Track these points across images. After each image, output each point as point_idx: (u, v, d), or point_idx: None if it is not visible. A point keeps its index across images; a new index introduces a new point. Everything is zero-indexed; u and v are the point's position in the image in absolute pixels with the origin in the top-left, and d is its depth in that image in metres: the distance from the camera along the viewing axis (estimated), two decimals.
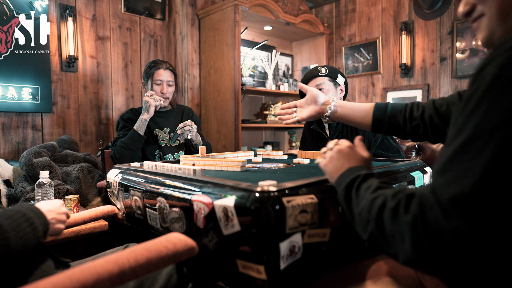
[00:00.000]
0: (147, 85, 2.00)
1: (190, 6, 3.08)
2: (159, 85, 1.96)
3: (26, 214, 0.72)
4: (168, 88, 1.98)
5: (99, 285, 0.56)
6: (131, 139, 1.82)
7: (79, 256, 1.43)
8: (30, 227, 0.72)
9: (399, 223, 0.51)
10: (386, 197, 0.56)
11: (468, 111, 0.47)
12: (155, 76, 1.96)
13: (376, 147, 1.61)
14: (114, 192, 1.26)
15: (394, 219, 0.52)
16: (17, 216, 0.70)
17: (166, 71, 1.98)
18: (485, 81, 0.46)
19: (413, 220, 0.49)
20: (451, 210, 0.45)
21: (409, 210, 0.50)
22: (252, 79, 3.48)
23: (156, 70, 1.96)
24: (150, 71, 1.97)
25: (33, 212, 0.75)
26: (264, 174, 1.08)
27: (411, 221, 0.49)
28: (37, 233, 0.73)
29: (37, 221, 0.75)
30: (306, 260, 0.77)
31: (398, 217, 0.52)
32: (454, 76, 2.93)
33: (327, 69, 1.75)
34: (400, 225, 0.51)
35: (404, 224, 0.50)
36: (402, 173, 1.13)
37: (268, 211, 0.70)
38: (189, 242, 0.70)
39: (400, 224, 0.51)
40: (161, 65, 1.98)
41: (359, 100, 3.58)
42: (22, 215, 0.71)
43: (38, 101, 2.46)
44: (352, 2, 3.61)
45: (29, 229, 0.71)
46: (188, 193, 0.88)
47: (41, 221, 0.76)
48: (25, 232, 0.69)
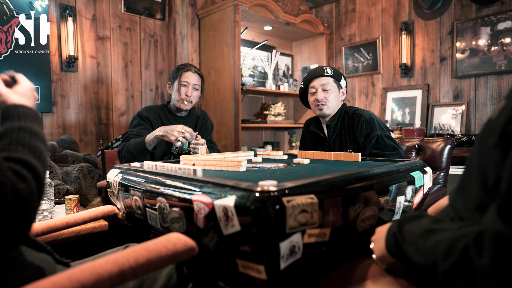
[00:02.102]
0: (173, 86, 1.96)
1: (190, 6, 3.08)
2: (185, 86, 1.92)
3: (28, 128, 0.67)
4: (194, 91, 1.94)
5: (99, 285, 0.56)
6: (137, 149, 1.72)
7: (79, 256, 1.43)
8: (40, 141, 0.67)
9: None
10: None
11: None
12: (182, 78, 1.92)
13: (371, 147, 1.61)
14: (114, 192, 1.26)
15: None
16: (25, 135, 0.65)
17: (194, 74, 1.95)
18: None
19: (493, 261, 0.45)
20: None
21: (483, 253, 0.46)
22: (252, 79, 3.48)
23: (184, 72, 1.94)
24: (178, 73, 1.94)
25: (29, 119, 0.70)
26: (264, 174, 1.08)
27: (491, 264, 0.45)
28: (44, 139, 0.70)
29: (38, 126, 0.70)
30: (306, 260, 0.77)
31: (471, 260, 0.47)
32: (454, 76, 2.93)
33: (333, 70, 1.76)
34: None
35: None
36: (402, 173, 1.13)
37: (268, 211, 0.70)
38: (189, 242, 0.70)
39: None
40: (189, 68, 1.96)
41: (359, 100, 3.58)
42: (24, 131, 0.66)
43: (38, 101, 2.46)
44: (352, 2, 3.61)
45: (40, 143, 0.67)
46: (188, 193, 0.88)
47: (38, 122, 0.72)
48: (41, 150, 0.65)
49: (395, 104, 3.30)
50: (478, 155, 0.59)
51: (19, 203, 0.55)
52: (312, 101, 1.77)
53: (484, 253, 0.45)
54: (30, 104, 0.75)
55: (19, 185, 0.56)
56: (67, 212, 1.57)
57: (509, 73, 2.65)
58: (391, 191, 1.03)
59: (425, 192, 1.26)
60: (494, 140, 0.54)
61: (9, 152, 0.61)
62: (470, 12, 2.84)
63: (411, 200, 1.16)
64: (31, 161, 0.61)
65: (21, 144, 0.63)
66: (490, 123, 0.58)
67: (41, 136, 0.68)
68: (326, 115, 1.75)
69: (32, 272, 0.71)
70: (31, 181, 0.59)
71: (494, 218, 0.47)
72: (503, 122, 0.53)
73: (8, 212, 0.54)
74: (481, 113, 2.81)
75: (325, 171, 1.11)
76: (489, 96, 2.77)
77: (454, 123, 2.91)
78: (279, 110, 3.53)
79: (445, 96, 3.01)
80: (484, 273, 0.45)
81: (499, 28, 2.68)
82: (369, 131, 1.62)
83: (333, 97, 1.73)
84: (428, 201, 2.09)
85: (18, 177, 0.57)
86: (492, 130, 0.55)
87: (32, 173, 0.60)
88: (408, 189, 1.13)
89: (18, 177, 0.57)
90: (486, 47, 2.75)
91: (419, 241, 0.59)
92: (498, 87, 2.72)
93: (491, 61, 2.72)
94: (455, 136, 2.69)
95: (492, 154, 0.54)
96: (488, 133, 0.57)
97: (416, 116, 3.14)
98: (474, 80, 2.84)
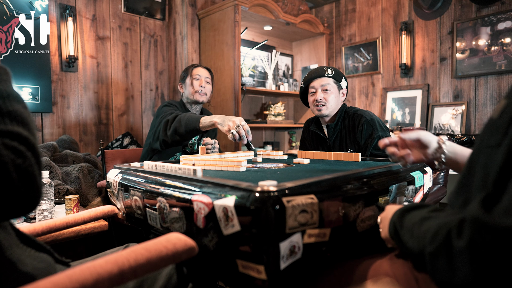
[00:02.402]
0: (185, 84, 2.03)
1: (190, 6, 3.08)
2: (198, 80, 2.00)
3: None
4: (207, 84, 2.03)
5: (99, 285, 0.56)
6: (190, 123, 1.56)
7: (79, 256, 1.43)
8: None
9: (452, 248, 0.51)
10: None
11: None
12: (193, 72, 2.01)
13: (372, 148, 1.61)
14: (114, 192, 1.26)
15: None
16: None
17: (204, 69, 2.05)
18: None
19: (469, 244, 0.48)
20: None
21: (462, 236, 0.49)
22: (252, 79, 3.48)
23: (195, 68, 2.04)
24: (188, 70, 2.04)
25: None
26: (264, 174, 1.07)
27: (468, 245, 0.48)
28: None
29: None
30: (306, 260, 0.77)
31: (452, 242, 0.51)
32: (454, 76, 2.93)
33: (333, 71, 1.75)
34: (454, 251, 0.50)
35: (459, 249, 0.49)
36: (402, 173, 1.13)
37: (268, 211, 0.70)
38: (189, 242, 0.70)
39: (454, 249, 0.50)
40: (198, 65, 2.07)
41: (359, 100, 3.58)
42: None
43: (38, 101, 2.46)
44: (352, 2, 3.61)
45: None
46: (188, 193, 0.88)
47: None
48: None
49: (395, 104, 3.30)
50: (479, 155, 0.59)
51: (22, 177, 0.56)
52: (312, 101, 1.77)
53: (463, 236, 0.49)
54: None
55: (17, 161, 0.56)
56: (67, 212, 1.57)
57: (509, 73, 2.65)
58: (391, 191, 1.03)
59: (425, 192, 1.26)
60: (496, 139, 0.54)
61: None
62: (470, 12, 2.84)
63: (411, 200, 1.16)
64: (22, 133, 0.60)
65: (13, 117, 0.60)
66: (492, 122, 0.58)
67: (14, 95, 0.63)
68: (325, 115, 1.76)
69: (32, 272, 0.71)
70: (27, 154, 0.58)
71: (476, 206, 0.50)
72: (507, 121, 0.53)
73: (15, 188, 0.55)
74: (481, 113, 2.81)
75: (325, 171, 1.11)
76: (489, 96, 2.77)
77: (454, 123, 2.91)
78: (279, 110, 3.53)
79: (445, 96, 3.01)
80: (460, 253, 0.48)
81: (499, 28, 2.68)
82: (371, 132, 1.62)
83: (332, 98, 1.73)
84: (428, 201, 2.09)
85: (13, 152, 0.57)
86: (494, 129, 0.55)
87: (25, 145, 0.59)
88: (408, 189, 1.13)
89: (14, 153, 0.57)
90: (486, 47, 2.75)
91: (415, 227, 0.62)
92: (498, 87, 2.72)
93: (491, 61, 2.72)
94: (455, 136, 2.69)
95: (494, 154, 0.54)
96: (489, 133, 0.57)
97: (416, 116, 3.14)
98: (474, 80, 2.84)
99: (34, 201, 0.58)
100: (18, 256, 0.71)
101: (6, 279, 0.65)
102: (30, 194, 0.57)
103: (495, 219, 0.46)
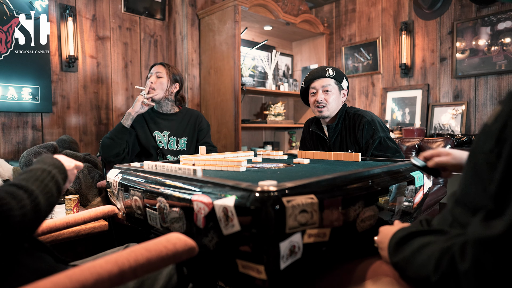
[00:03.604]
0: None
1: (190, 6, 3.08)
2: (149, 78, 1.99)
3: (51, 172, 0.72)
4: (157, 79, 1.96)
5: (99, 285, 0.56)
6: (115, 129, 1.87)
7: (79, 256, 1.43)
8: (55, 185, 0.71)
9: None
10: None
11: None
12: (149, 74, 2.02)
13: (373, 149, 1.61)
14: (114, 192, 1.26)
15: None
16: (44, 176, 0.69)
17: (157, 65, 2.02)
18: None
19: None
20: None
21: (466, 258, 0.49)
22: (252, 79, 3.48)
23: (151, 68, 2.03)
24: (148, 73, 2.03)
25: (57, 169, 0.75)
26: (264, 174, 1.08)
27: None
28: (60, 190, 0.73)
29: (59, 176, 0.74)
30: (306, 260, 0.77)
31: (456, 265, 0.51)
32: (454, 76, 2.93)
33: (334, 71, 1.75)
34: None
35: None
36: (402, 173, 1.13)
37: (268, 211, 0.70)
38: (189, 242, 0.70)
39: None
40: (155, 64, 2.05)
41: (359, 100, 3.58)
42: (47, 173, 0.70)
43: (38, 101, 2.46)
44: (352, 2, 3.61)
45: (54, 187, 0.71)
46: (188, 193, 0.88)
47: (62, 176, 0.76)
48: (52, 192, 0.69)
49: (395, 104, 3.30)
50: (475, 160, 0.60)
51: (7, 220, 0.58)
52: (312, 102, 1.77)
53: (466, 258, 0.49)
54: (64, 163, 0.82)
55: (10, 204, 0.59)
56: (67, 212, 1.57)
57: (509, 73, 2.65)
58: (391, 191, 1.03)
59: (425, 192, 1.26)
60: (490, 145, 0.55)
61: (19, 181, 0.65)
62: (470, 12, 2.84)
63: (411, 200, 1.16)
64: (34, 191, 0.65)
65: (38, 180, 0.68)
66: (486, 128, 0.59)
67: (59, 184, 0.73)
68: (325, 116, 1.76)
69: (33, 271, 0.71)
70: (26, 202, 0.61)
71: (477, 225, 0.50)
72: (499, 128, 0.54)
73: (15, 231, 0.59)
74: (481, 113, 2.81)
75: (325, 171, 1.11)
76: (489, 96, 2.77)
77: (454, 123, 2.91)
78: (279, 110, 3.53)
79: (445, 96, 3.01)
80: (466, 275, 0.48)
81: (499, 28, 2.68)
82: (372, 133, 1.62)
83: (333, 99, 1.73)
84: (428, 201, 2.09)
85: (12, 196, 0.60)
86: (488, 135, 0.56)
87: (29, 197, 0.63)
88: (408, 189, 1.13)
89: (12, 197, 0.60)
90: (486, 47, 2.75)
91: (415, 256, 0.62)
92: (498, 87, 2.72)
93: (491, 61, 2.72)
94: (455, 136, 2.69)
95: (488, 159, 0.55)
96: (484, 138, 0.57)
97: (416, 116, 3.14)
98: (474, 80, 2.84)
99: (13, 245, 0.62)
100: (19, 256, 0.71)
101: (7, 278, 0.65)
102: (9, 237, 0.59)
103: (497, 230, 0.46)
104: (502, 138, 0.52)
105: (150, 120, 1.98)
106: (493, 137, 0.55)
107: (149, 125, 1.97)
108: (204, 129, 2.06)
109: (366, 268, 0.78)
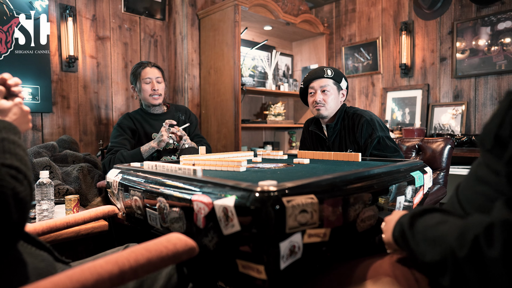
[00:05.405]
0: (137, 87, 2.00)
1: (190, 6, 3.08)
2: (149, 83, 1.96)
3: (5, 138, 0.67)
4: (159, 84, 1.97)
5: (99, 285, 0.56)
6: (132, 156, 1.80)
7: (79, 256, 1.43)
8: (18, 147, 0.67)
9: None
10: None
11: None
12: (142, 76, 1.96)
13: (372, 148, 1.61)
14: (114, 192, 1.26)
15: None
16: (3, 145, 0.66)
17: (152, 68, 1.98)
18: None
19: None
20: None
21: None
22: (252, 79, 3.48)
23: (142, 70, 1.97)
24: (137, 72, 1.97)
25: (5, 129, 0.69)
26: (264, 174, 1.08)
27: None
28: (24, 148, 0.70)
29: (11, 133, 0.70)
30: (306, 260, 0.77)
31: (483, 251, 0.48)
32: (454, 76, 2.93)
33: (333, 72, 1.75)
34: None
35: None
36: (402, 173, 1.13)
37: (268, 211, 0.70)
38: (189, 242, 0.70)
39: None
40: (146, 64, 1.99)
41: (359, 100, 3.58)
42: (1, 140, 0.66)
43: (38, 101, 2.46)
44: (352, 2, 3.61)
45: (19, 149, 0.67)
46: (188, 193, 0.88)
47: (13, 131, 0.71)
48: (21, 155, 0.66)
49: (395, 104, 3.30)
50: (480, 157, 0.62)
51: (19, 204, 0.58)
52: (311, 102, 1.77)
53: (495, 244, 0.45)
54: (9, 120, 0.76)
55: (18, 188, 0.59)
56: (67, 212, 1.57)
57: (509, 73, 2.65)
58: (391, 191, 1.03)
59: (425, 192, 1.26)
60: (489, 142, 0.57)
61: (0, 159, 0.64)
62: (470, 12, 2.84)
63: (411, 200, 1.16)
64: (21, 168, 0.65)
65: (8, 152, 0.66)
66: (486, 126, 0.61)
67: (23, 147, 0.71)
68: (324, 116, 1.76)
69: (33, 271, 0.71)
70: (26, 185, 0.62)
71: (502, 209, 0.48)
72: (496, 126, 0.56)
73: (10, 213, 0.57)
74: (481, 113, 2.81)
75: (325, 171, 1.11)
76: (489, 96, 2.77)
77: (454, 123, 2.91)
78: (279, 110, 3.53)
79: (445, 96, 3.01)
80: (495, 264, 0.45)
81: (499, 28, 2.68)
82: (370, 132, 1.62)
83: (331, 99, 1.73)
84: (428, 201, 2.09)
85: (16, 180, 0.61)
86: (488, 133, 0.58)
87: (25, 178, 0.63)
88: (408, 189, 1.13)
89: (16, 180, 0.60)
90: (486, 47, 2.75)
91: (428, 230, 0.60)
92: (498, 87, 2.72)
93: (491, 61, 2.72)
94: (455, 136, 2.69)
95: (489, 156, 0.57)
96: (484, 136, 0.60)
97: (416, 116, 3.14)
98: (474, 80, 2.84)
99: (19, 230, 0.60)
100: (19, 255, 0.71)
101: (6, 277, 0.65)
102: (18, 222, 0.59)
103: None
104: (499, 135, 0.55)
105: (144, 123, 2.00)
106: (490, 134, 0.57)
107: (145, 129, 1.98)
108: (193, 122, 2.09)
109: (366, 268, 0.78)
